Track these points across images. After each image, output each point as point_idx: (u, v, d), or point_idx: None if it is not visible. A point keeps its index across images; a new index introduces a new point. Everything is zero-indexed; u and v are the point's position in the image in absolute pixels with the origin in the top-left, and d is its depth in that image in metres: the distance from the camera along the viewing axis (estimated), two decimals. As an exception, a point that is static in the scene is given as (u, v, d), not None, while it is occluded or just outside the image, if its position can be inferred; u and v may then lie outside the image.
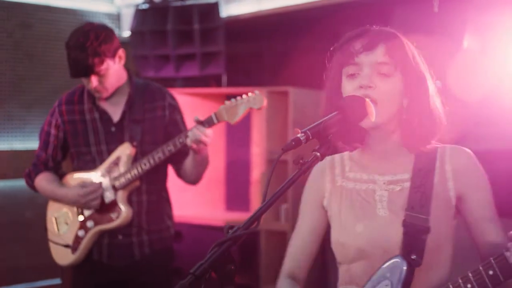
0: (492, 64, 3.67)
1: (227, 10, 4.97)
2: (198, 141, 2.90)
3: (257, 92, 2.97)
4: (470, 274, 1.68)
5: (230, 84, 4.99)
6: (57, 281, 3.51)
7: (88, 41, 2.95)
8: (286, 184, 1.61)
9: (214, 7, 4.81)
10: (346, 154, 1.98)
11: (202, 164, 3.14)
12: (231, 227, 1.51)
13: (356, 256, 1.86)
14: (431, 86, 1.86)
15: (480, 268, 1.66)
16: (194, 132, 2.92)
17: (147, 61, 5.01)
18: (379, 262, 1.80)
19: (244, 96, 2.97)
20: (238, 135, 5.02)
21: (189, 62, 4.93)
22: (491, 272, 1.64)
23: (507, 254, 1.63)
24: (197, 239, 4.63)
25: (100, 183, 3.13)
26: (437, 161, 1.86)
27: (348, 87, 1.83)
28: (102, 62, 2.98)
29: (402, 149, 1.89)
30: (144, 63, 5.04)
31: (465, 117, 3.92)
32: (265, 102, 2.98)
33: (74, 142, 3.20)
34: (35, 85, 5.16)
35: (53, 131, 3.23)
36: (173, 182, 3.37)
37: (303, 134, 1.62)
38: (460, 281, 1.71)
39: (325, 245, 2.04)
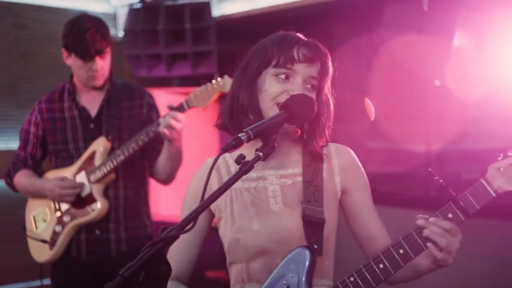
0: (487, 62, 3.63)
1: (219, 9, 4.95)
2: (170, 126, 2.97)
3: (225, 76, 3.05)
4: (381, 255, 1.80)
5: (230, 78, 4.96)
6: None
7: (99, 24, 3.14)
8: (226, 184, 1.60)
9: (206, 6, 4.79)
10: (227, 155, 1.99)
11: (175, 159, 3.16)
12: (165, 227, 1.49)
13: (256, 254, 1.87)
14: (332, 106, 1.97)
15: (390, 248, 1.79)
16: (165, 118, 3.00)
17: (140, 60, 5.01)
18: (280, 256, 1.83)
19: (213, 81, 3.06)
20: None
21: (181, 61, 4.92)
22: (401, 251, 1.78)
23: (427, 232, 1.75)
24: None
25: (81, 185, 3.14)
26: (324, 157, 1.96)
27: (275, 88, 1.86)
28: (108, 45, 3.15)
29: (291, 145, 1.96)
30: (136, 62, 5.04)
31: (462, 115, 3.91)
32: None
33: (52, 140, 3.23)
34: (30, 85, 5.16)
35: (32, 129, 3.26)
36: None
37: (244, 134, 1.62)
38: (372, 262, 1.80)
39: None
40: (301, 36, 1.93)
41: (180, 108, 3.06)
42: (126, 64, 5.25)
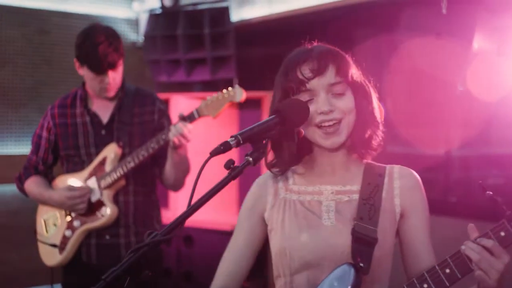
0: (508, 66, 3.58)
1: (238, 14, 4.96)
2: (180, 135, 2.98)
3: (236, 85, 3.07)
4: (426, 274, 1.71)
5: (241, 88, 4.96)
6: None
7: (111, 36, 3.12)
8: (214, 190, 1.58)
9: (225, 11, 4.79)
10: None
11: (181, 167, 3.17)
12: (151, 232, 1.49)
13: (301, 267, 1.81)
14: (374, 99, 1.89)
15: (436, 267, 1.70)
16: (176, 127, 3.00)
17: (159, 65, 5.03)
18: (325, 272, 1.77)
19: (224, 90, 3.06)
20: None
21: (200, 66, 4.93)
22: (447, 271, 1.68)
23: (462, 247, 1.67)
24: (209, 243, 4.60)
25: (88, 189, 3.17)
26: (386, 177, 1.87)
27: None
28: (120, 58, 3.14)
29: (350, 162, 1.90)
30: (156, 67, 5.06)
31: (483, 119, 3.85)
32: (244, 95, 3.06)
33: (64, 145, 3.26)
34: (53, 90, 5.22)
35: (44, 133, 3.30)
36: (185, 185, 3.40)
37: (233, 139, 1.59)
38: (415, 281, 1.72)
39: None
40: (301, 51, 1.85)
41: (191, 117, 3.06)
42: (148, 69, 5.29)
